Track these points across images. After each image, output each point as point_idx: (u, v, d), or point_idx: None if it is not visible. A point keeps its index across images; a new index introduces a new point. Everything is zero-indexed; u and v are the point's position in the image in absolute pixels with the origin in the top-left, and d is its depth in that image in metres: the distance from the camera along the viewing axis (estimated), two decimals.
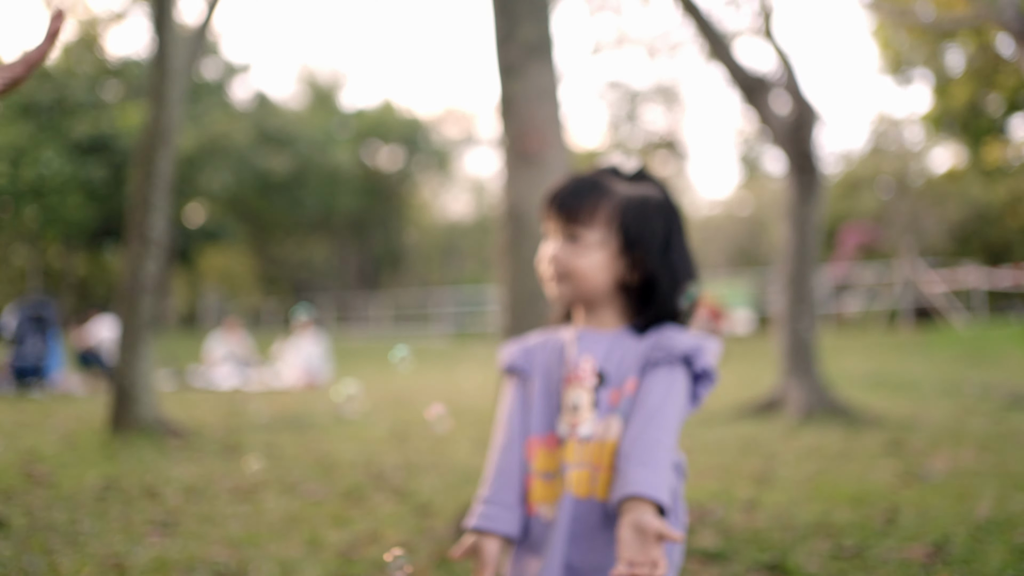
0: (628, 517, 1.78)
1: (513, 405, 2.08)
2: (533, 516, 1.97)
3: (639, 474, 1.83)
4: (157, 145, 8.86)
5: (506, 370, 2.13)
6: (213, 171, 37.00)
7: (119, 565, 4.09)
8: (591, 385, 1.96)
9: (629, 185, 1.99)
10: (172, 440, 8.30)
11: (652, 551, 1.73)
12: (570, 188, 1.98)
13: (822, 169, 10.29)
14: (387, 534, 4.78)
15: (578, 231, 1.95)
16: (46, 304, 15.04)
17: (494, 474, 2.03)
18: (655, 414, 1.91)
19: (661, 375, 1.95)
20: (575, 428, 1.95)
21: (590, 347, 2.00)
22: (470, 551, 1.96)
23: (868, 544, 4.34)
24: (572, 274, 1.97)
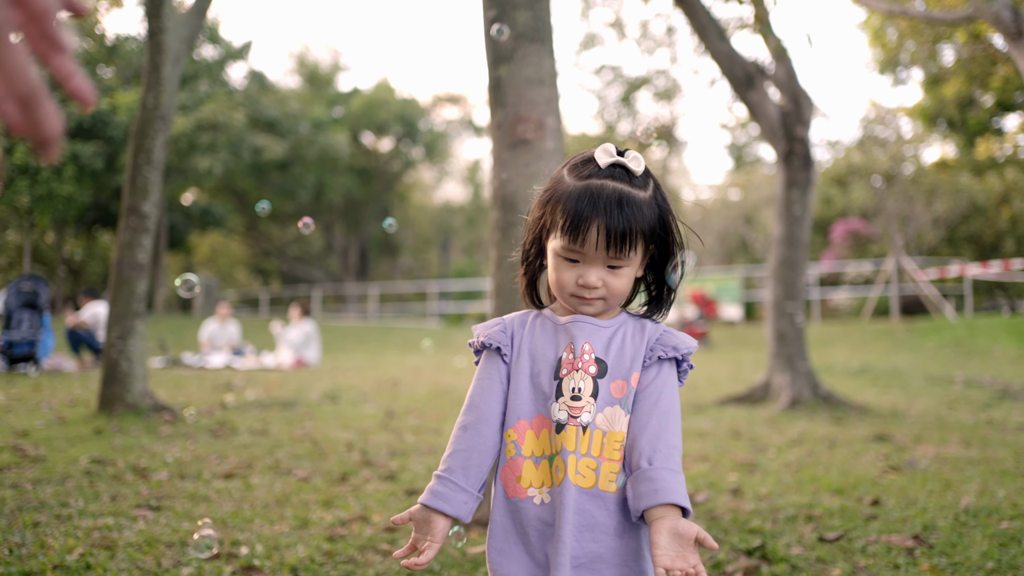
0: (664, 523, 1.80)
1: (488, 385, 2.04)
2: (525, 499, 1.96)
3: (670, 480, 1.85)
4: (152, 126, 8.85)
5: (483, 347, 2.08)
6: (206, 154, 36.86)
7: (108, 542, 4.11)
8: (593, 373, 1.96)
9: (642, 192, 1.96)
10: (162, 420, 8.32)
11: (691, 557, 1.76)
12: (618, 227, 1.90)
13: (814, 158, 10.32)
14: (375, 516, 4.81)
15: (621, 262, 1.95)
16: (39, 284, 15.01)
17: (453, 453, 2.00)
18: (669, 416, 1.94)
19: (665, 373, 1.99)
20: (576, 415, 1.94)
21: (589, 335, 1.99)
22: (419, 522, 1.96)
23: (852, 531, 4.38)
24: (612, 295, 1.98)
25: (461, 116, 55.56)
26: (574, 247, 1.93)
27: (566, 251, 1.95)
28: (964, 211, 32.74)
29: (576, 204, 1.92)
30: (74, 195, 33.88)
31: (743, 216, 41.31)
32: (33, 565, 3.70)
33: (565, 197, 1.95)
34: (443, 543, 1.94)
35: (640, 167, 1.96)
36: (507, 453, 1.99)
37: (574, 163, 2.03)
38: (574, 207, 1.92)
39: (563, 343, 2.00)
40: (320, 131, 42.13)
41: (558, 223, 1.95)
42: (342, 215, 52.16)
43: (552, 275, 2.02)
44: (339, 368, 17.13)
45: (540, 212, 2.03)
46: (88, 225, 41.74)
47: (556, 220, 1.96)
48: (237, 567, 3.82)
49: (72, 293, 37.24)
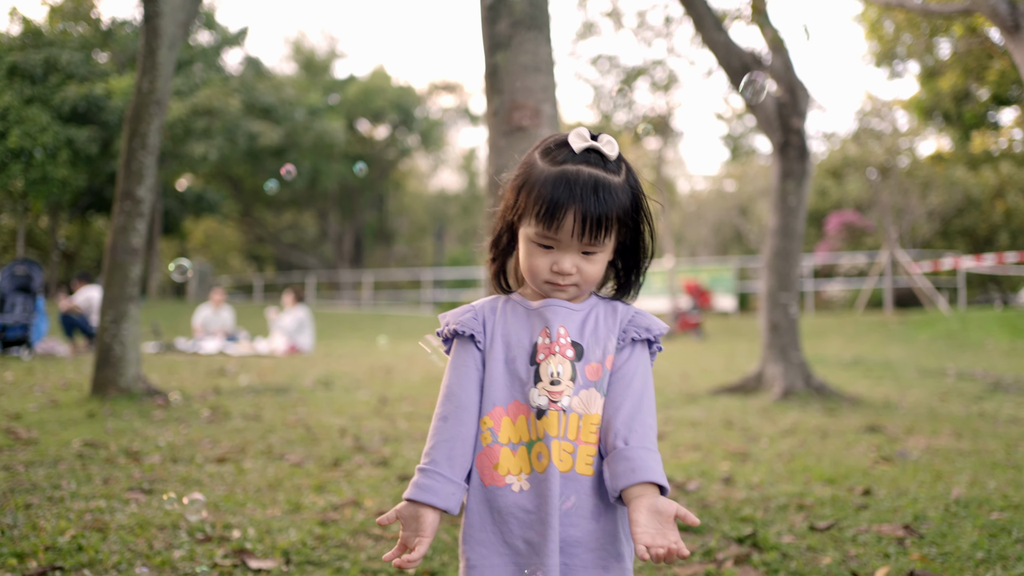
0: (643, 501, 1.80)
1: (464, 372, 2.01)
2: (503, 486, 1.93)
3: (647, 460, 1.85)
4: (147, 111, 8.83)
5: (454, 334, 2.04)
6: (202, 140, 36.78)
7: (100, 524, 4.11)
8: (570, 356, 1.94)
9: (616, 176, 1.93)
10: (155, 404, 8.33)
11: (671, 534, 1.76)
12: (595, 213, 1.88)
13: (810, 150, 10.33)
14: (368, 501, 4.81)
15: (595, 248, 1.93)
16: (33, 268, 14.99)
17: (436, 444, 1.96)
18: (643, 396, 1.94)
19: (638, 354, 1.99)
20: (556, 400, 1.92)
21: (563, 319, 1.98)
22: (406, 520, 1.93)
23: (843, 520, 4.39)
24: (585, 281, 1.96)
25: (457, 104, 55.48)
26: (549, 234, 1.91)
27: (540, 237, 1.93)
28: (959, 204, 32.80)
29: (552, 191, 1.89)
30: (68, 179, 33.81)
31: (738, 207, 41.34)
32: (25, 546, 3.70)
33: (540, 183, 1.92)
34: (433, 537, 1.91)
35: (614, 151, 1.94)
36: (483, 440, 1.96)
37: (546, 147, 1.99)
38: (549, 194, 1.89)
39: (537, 328, 1.98)
40: (316, 118, 42.05)
41: (532, 209, 1.92)
42: (337, 202, 52.09)
43: (525, 261, 1.99)
44: (332, 355, 17.13)
45: (513, 197, 1.99)
46: (82, 210, 41.67)
47: (530, 206, 1.93)
48: (229, 550, 3.83)
49: (66, 277, 37.25)
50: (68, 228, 45.77)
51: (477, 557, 1.93)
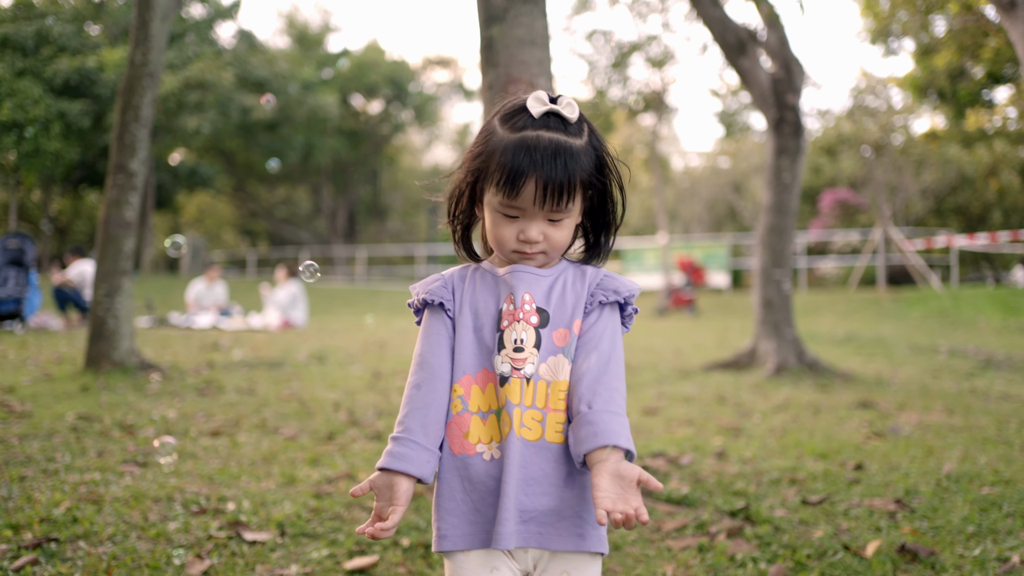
0: (606, 465, 1.76)
1: (436, 340, 1.98)
2: (473, 455, 1.90)
3: (610, 423, 1.81)
4: (140, 83, 8.79)
5: (424, 304, 2.03)
6: (194, 113, 36.61)
7: (95, 496, 4.12)
8: (535, 323, 1.92)
9: (578, 139, 1.88)
10: (149, 378, 8.33)
11: (634, 499, 1.72)
12: (556, 179, 1.84)
13: (805, 126, 10.31)
14: (362, 474, 4.83)
15: (561, 215, 1.89)
16: (25, 241, 14.95)
17: (410, 412, 1.92)
18: (610, 359, 1.91)
19: (606, 317, 1.95)
20: (519, 367, 1.89)
21: (529, 285, 1.95)
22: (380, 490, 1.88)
23: (835, 494, 4.42)
24: (553, 248, 1.93)
25: (451, 79, 55.26)
26: (511, 203, 1.87)
27: (504, 207, 1.90)
28: (952, 182, 32.82)
29: (512, 158, 1.85)
30: (61, 152, 33.65)
31: (732, 184, 41.32)
32: (20, 518, 3.71)
33: (500, 150, 1.88)
34: (407, 506, 1.87)
35: (574, 114, 1.89)
36: (453, 408, 1.94)
37: (505, 112, 1.94)
38: (510, 161, 1.85)
39: (503, 294, 1.96)
40: (309, 92, 41.88)
41: (493, 178, 1.89)
42: (330, 177, 51.95)
43: (491, 231, 1.96)
44: (326, 330, 17.14)
45: (472, 165, 1.96)
46: (75, 184, 41.52)
47: (491, 174, 1.89)
48: (224, 522, 3.84)
49: (58, 251, 37.14)
50: (60, 202, 45.65)
51: (448, 527, 1.91)
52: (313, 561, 3.44)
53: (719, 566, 3.40)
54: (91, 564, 3.24)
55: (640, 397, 8.11)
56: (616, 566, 3.40)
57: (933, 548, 3.50)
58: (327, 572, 3.33)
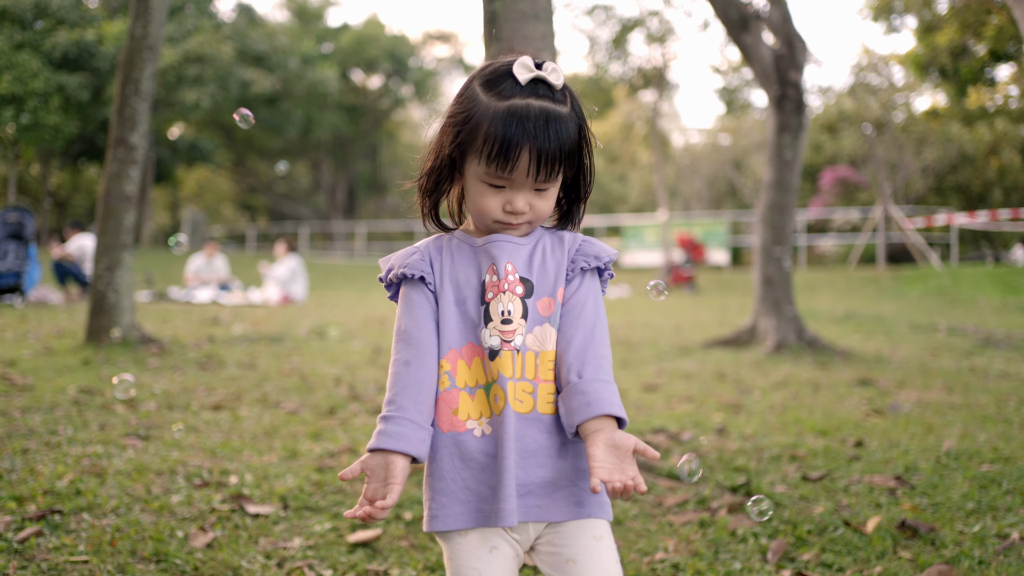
0: (601, 435, 1.73)
1: (420, 315, 1.90)
2: (464, 432, 1.85)
3: (602, 392, 1.78)
4: (140, 56, 8.75)
5: (403, 278, 1.94)
6: (194, 87, 36.49)
7: (98, 469, 4.13)
8: (520, 293, 1.87)
9: (564, 107, 1.83)
10: (150, 352, 8.34)
11: (629, 468, 1.70)
12: (549, 150, 1.79)
13: (806, 103, 10.28)
14: (363, 448, 4.84)
15: (549, 185, 1.85)
16: (25, 215, 14.93)
17: (401, 390, 1.85)
18: (595, 326, 1.88)
19: (587, 284, 1.93)
20: (508, 339, 1.85)
21: (510, 255, 1.90)
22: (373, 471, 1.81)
23: (835, 471, 4.43)
24: (537, 218, 1.89)
25: (452, 54, 55.06)
26: (502, 174, 1.81)
27: (492, 178, 1.83)
28: (953, 160, 32.77)
29: (504, 129, 1.78)
30: (60, 126, 33.55)
31: (732, 161, 41.25)
32: (24, 490, 3.72)
33: (488, 120, 1.80)
34: (404, 486, 1.80)
35: (559, 80, 1.83)
36: (441, 385, 1.88)
37: (487, 78, 1.86)
38: (501, 132, 1.78)
39: (484, 265, 1.91)
40: (309, 66, 41.72)
41: (481, 149, 1.81)
42: (330, 152, 51.84)
43: (475, 201, 1.90)
44: (326, 305, 17.15)
45: (453, 133, 1.87)
46: (74, 157, 41.43)
47: (477, 144, 1.82)
48: (227, 495, 3.85)
49: (57, 225, 37.09)
50: (59, 176, 45.55)
51: (438, 506, 1.86)
52: (316, 534, 3.46)
53: (720, 541, 3.42)
54: (95, 536, 3.26)
55: (640, 374, 8.12)
56: (618, 540, 3.41)
57: (933, 524, 3.52)
58: (330, 545, 3.35)
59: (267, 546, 3.31)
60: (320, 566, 3.14)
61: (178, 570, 3.02)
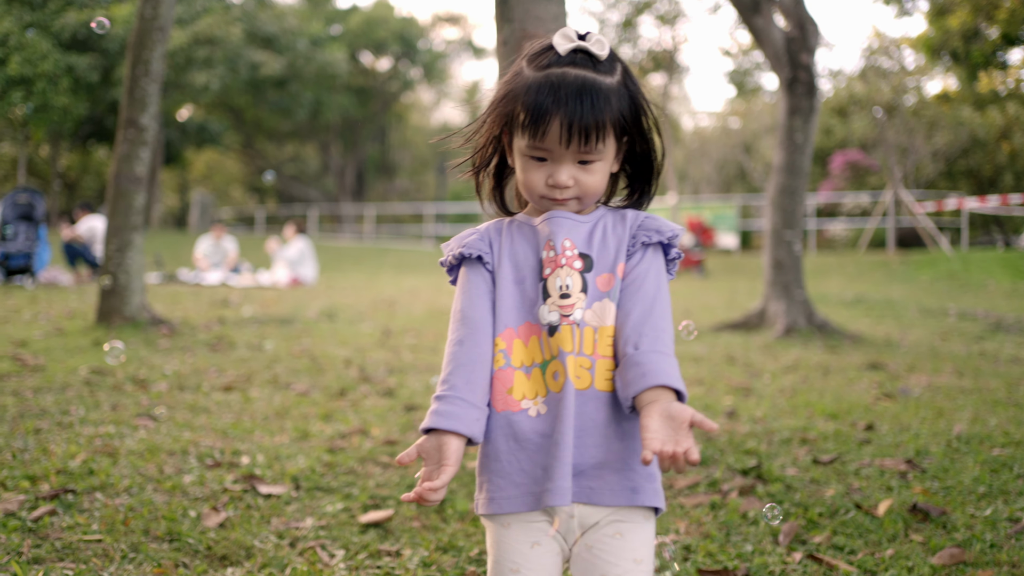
0: (656, 406, 1.66)
1: (476, 294, 1.88)
2: (518, 411, 1.80)
3: (659, 363, 1.72)
4: (150, 37, 8.74)
5: (462, 258, 1.93)
6: (203, 69, 36.46)
7: (110, 449, 4.15)
8: (579, 268, 1.83)
9: (608, 78, 1.79)
10: (160, 333, 8.36)
11: (685, 440, 1.62)
12: (582, 118, 1.74)
13: (818, 86, 10.23)
14: (374, 429, 4.85)
15: (592, 157, 1.80)
16: (35, 196, 14.96)
17: (454, 369, 1.82)
18: (656, 300, 1.82)
19: (649, 258, 1.87)
20: (568, 313, 1.80)
21: (568, 231, 1.85)
22: (428, 453, 1.77)
23: (846, 454, 4.43)
24: (585, 193, 1.83)
25: (461, 37, 54.89)
26: (537, 144, 1.79)
27: (531, 149, 1.81)
28: (964, 144, 32.59)
29: (536, 97, 1.76)
30: (69, 107, 33.55)
31: (742, 144, 41.10)
32: (37, 469, 3.74)
33: (524, 90, 1.79)
34: (458, 467, 1.75)
35: (604, 50, 1.79)
36: (495, 364, 1.84)
37: (532, 52, 1.85)
38: (533, 100, 1.76)
39: (542, 242, 1.87)
40: (318, 48, 41.64)
41: (519, 119, 1.80)
42: (339, 135, 51.79)
43: (521, 177, 1.87)
44: (335, 287, 17.16)
45: (500, 108, 1.86)
46: (83, 139, 41.46)
47: (517, 116, 1.81)
48: (239, 476, 3.87)
49: (67, 207, 37.16)
50: (69, 157, 45.60)
51: (494, 488, 1.82)
52: (328, 514, 3.47)
53: (731, 523, 3.42)
54: (108, 515, 3.27)
55: None
56: None
57: (944, 508, 3.52)
58: (342, 525, 3.36)
59: (279, 526, 3.32)
60: (332, 546, 3.15)
61: (191, 549, 3.04)
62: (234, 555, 3.02)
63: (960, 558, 3.01)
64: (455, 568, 2.96)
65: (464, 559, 3.04)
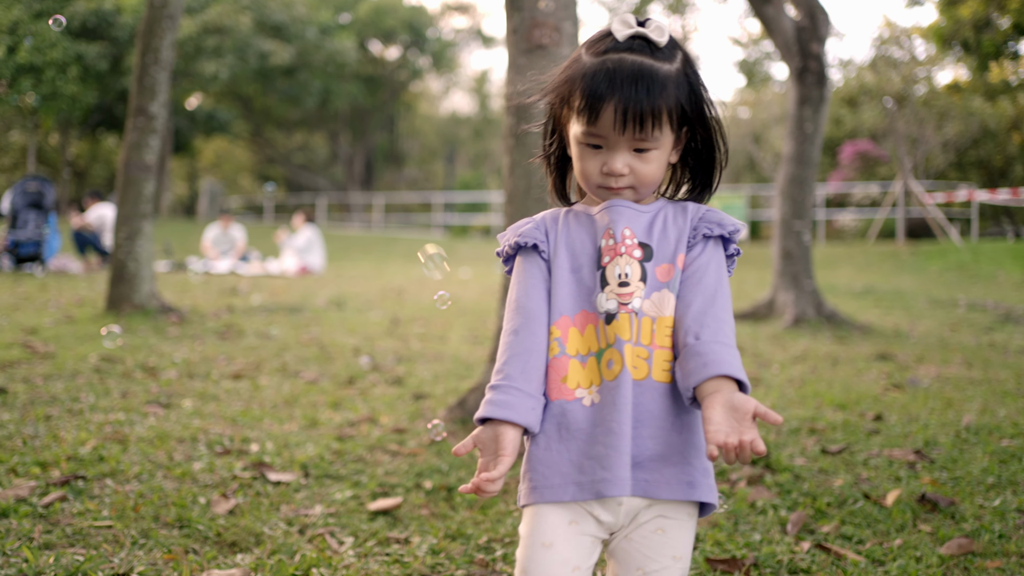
0: (718, 397, 1.65)
1: (531, 284, 1.86)
2: (572, 400, 1.78)
3: (721, 353, 1.71)
4: (160, 25, 8.75)
5: (518, 247, 1.90)
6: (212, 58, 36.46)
7: (120, 436, 4.16)
8: (638, 257, 1.81)
9: (667, 64, 1.77)
10: (169, 321, 8.38)
11: (748, 432, 1.61)
12: (636, 104, 1.73)
13: (828, 76, 10.20)
14: (383, 417, 4.86)
15: (647, 145, 1.78)
16: (45, 185, 14.99)
17: (510, 359, 1.81)
18: (716, 292, 1.82)
19: (710, 251, 1.86)
20: (626, 302, 1.78)
21: (628, 220, 1.83)
22: (485, 444, 1.77)
23: (854, 444, 4.43)
24: (641, 183, 1.82)
25: (470, 26, 54.79)
26: (592, 130, 1.77)
27: (587, 136, 1.80)
28: (974, 135, 32.44)
29: (591, 83, 1.76)
30: (78, 95, 33.57)
31: (752, 134, 40.99)
32: (47, 456, 3.76)
33: (580, 76, 1.78)
34: (515, 457, 1.74)
35: (663, 37, 1.78)
36: (550, 352, 1.83)
37: (592, 40, 1.84)
38: (589, 86, 1.76)
39: (600, 231, 1.85)
40: (327, 37, 41.59)
41: (575, 105, 1.79)
42: (348, 123, 51.76)
43: (577, 165, 1.86)
44: (344, 276, 17.18)
45: (558, 95, 1.86)
46: (92, 127, 41.48)
47: (574, 103, 1.80)
48: (248, 463, 3.88)
49: (76, 195, 37.22)
50: (78, 145, 45.65)
51: (540, 478, 1.80)
52: (337, 502, 3.48)
53: (740, 512, 3.43)
54: (118, 501, 3.29)
55: None
56: None
57: (953, 498, 3.52)
58: (351, 513, 3.37)
59: (288, 513, 3.33)
60: (341, 533, 3.16)
61: (201, 535, 3.05)
62: (244, 541, 3.03)
63: (968, 548, 3.01)
64: (464, 556, 2.97)
65: (473, 547, 3.05)
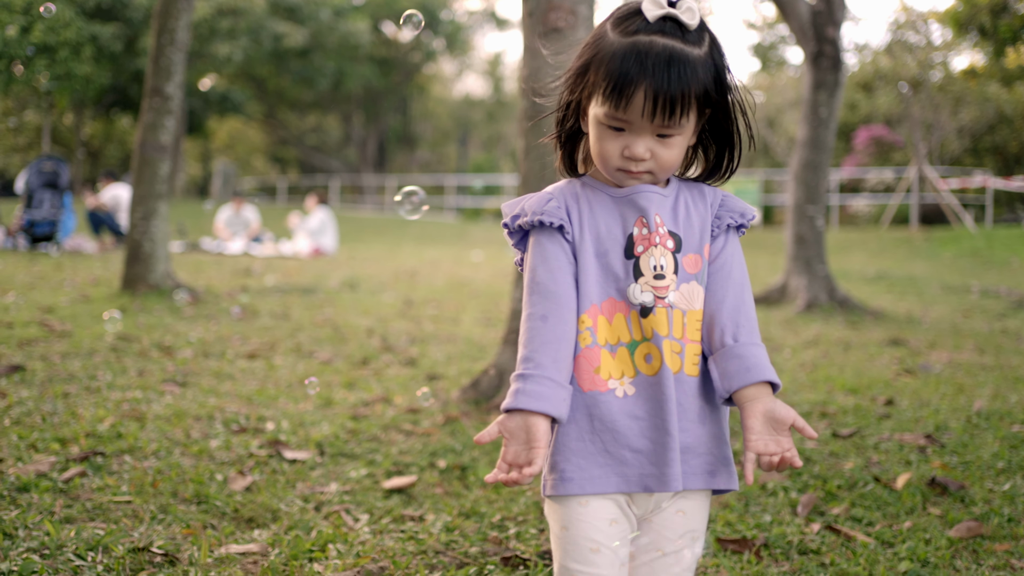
0: (759, 405, 1.69)
1: (557, 266, 1.78)
2: (605, 391, 1.75)
3: (760, 357, 1.73)
4: (175, 6, 8.77)
5: (539, 225, 1.81)
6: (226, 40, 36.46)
7: (137, 413, 4.21)
8: (671, 248, 1.77)
9: (697, 49, 1.70)
10: (185, 301, 8.43)
11: (785, 442, 1.67)
12: (668, 90, 1.67)
13: (843, 60, 10.16)
14: (397, 398, 4.90)
15: (672, 131, 1.72)
16: (60, 164, 15.06)
17: (539, 347, 1.74)
18: (744, 287, 1.81)
19: (732, 241, 1.85)
20: (662, 295, 1.75)
21: (658, 207, 1.79)
22: (513, 433, 1.71)
23: (866, 428, 4.45)
24: (661, 168, 1.76)
25: (484, 8, 54.70)
26: (618, 114, 1.70)
27: (610, 119, 1.72)
28: (990, 121, 32.27)
29: (621, 65, 1.68)
30: (92, 76, 33.61)
31: (766, 119, 40.85)
32: (66, 432, 3.81)
33: (608, 57, 1.70)
34: (547, 450, 1.71)
35: (694, 20, 1.71)
36: (581, 342, 1.77)
37: (618, 16, 1.75)
38: (618, 68, 1.68)
39: (630, 217, 1.79)
40: (340, 19, 41.54)
41: (600, 87, 1.72)
42: (361, 105, 51.72)
43: (595, 146, 1.78)
44: (357, 258, 17.23)
45: (580, 73, 1.78)
46: (106, 108, 41.56)
47: (598, 83, 1.72)
48: (264, 441, 3.93)
49: (90, 175, 37.32)
50: (92, 126, 45.73)
51: (574, 469, 1.76)
52: (352, 480, 3.52)
53: (751, 495, 3.45)
54: (137, 477, 3.33)
55: None
56: None
57: (963, 482, 3.54)
58: (366, 491, 3.41)
59: (304, 490, 3.37)
60: (356, 510, 3.20)
61: (219, 511, 3.09)
62: (260, 517, 3.07)
63: (977, 531, 3.04)
64: (477, 533, 3.01)
65: (486, 524, 3.09)
